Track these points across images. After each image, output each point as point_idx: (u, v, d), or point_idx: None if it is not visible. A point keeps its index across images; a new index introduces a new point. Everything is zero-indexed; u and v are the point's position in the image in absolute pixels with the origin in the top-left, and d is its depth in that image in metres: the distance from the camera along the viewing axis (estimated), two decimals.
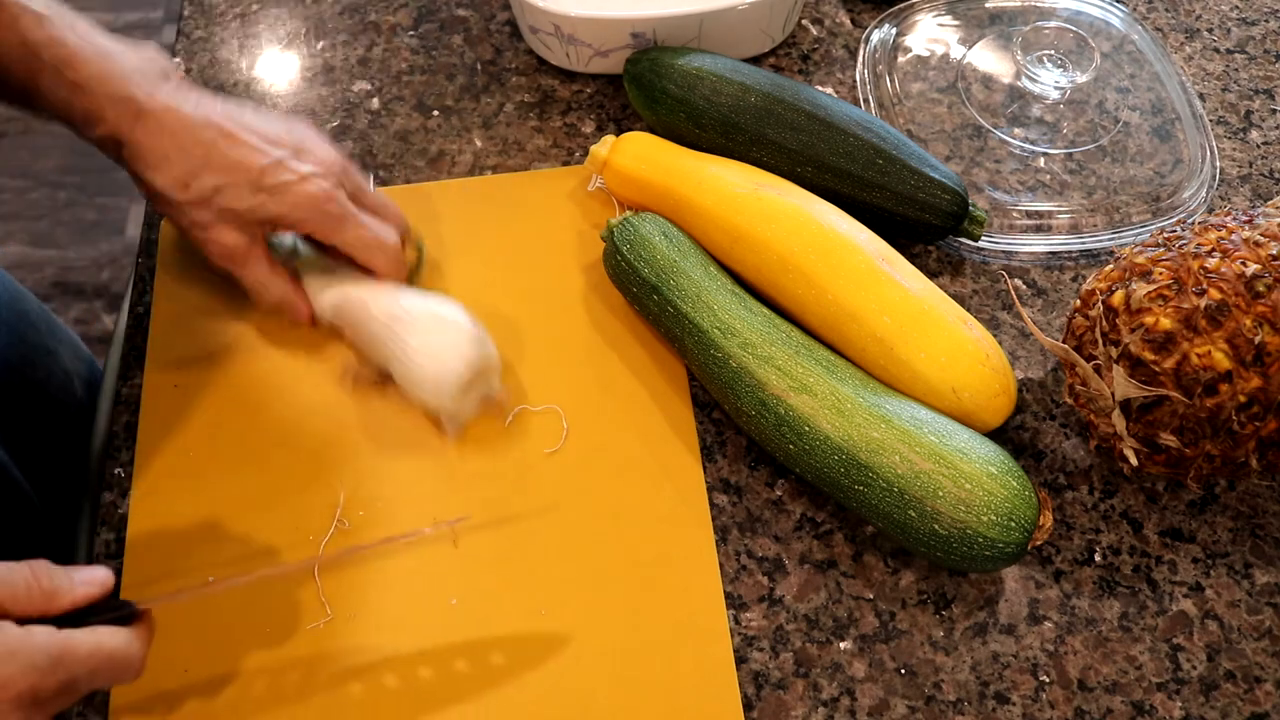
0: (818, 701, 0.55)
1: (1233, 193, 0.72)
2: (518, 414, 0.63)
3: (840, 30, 0.80)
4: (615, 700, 0.55)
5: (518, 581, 0.58)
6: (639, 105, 0.71)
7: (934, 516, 0.53)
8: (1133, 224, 0.69)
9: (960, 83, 0.76)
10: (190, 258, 0.67)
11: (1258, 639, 0.57)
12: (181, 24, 0.81)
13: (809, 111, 0.66)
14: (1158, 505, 0.61)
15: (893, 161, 0.65)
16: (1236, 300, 0.52)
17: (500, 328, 0.66)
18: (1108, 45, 0.77)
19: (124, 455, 0.62)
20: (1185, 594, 0.58)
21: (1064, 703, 0.55)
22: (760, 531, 0.60)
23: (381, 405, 0.63)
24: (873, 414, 0.55)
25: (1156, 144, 0.73)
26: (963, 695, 0.55)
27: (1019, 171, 0.72)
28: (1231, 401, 0.52)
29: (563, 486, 0.60)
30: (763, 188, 0.64)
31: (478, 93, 0.76)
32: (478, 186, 0.72)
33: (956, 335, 0.59)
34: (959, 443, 0.54)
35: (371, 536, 0.59)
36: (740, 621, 0.57)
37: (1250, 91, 0.77)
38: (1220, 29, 0.80)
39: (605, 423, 0.62)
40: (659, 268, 0.62)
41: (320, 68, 0.78)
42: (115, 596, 0.47)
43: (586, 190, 0.71)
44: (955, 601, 0.58)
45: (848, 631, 0.57)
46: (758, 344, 0.58)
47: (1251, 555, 0.59)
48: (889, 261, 0.61)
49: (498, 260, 0.68)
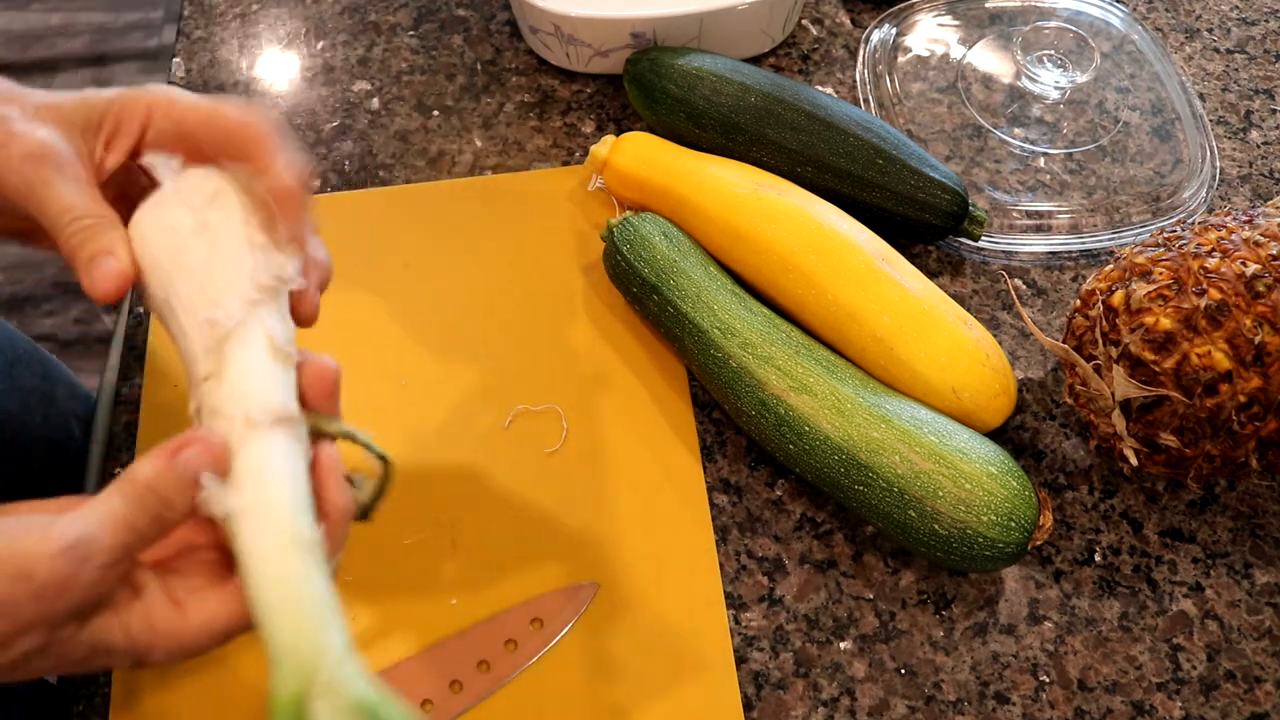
0: (818, 701, 0.55)
1: (1233, 193, 0.72)
2: (518, 414, 0.63)
3: (840, 30, 0.80)
4: (615, 700, 0.55)
5: (518, 581, 0.58)
6: (639, 105, 0.71)
7: (934, 516, 0.53)
8: (1133, 224, 0.69)
9: (960, 83, 0.76)
10: None
11: (1258, 639, 0.57)
12: (181, 24, 0.81)
13: (809, 111, 0.66)
14: (1158, 505, 0.61)
15: (893, 161, 0.65)
16: (1236, 300, 0.52)
17: (500, 328, 0.66)
18: (1108, 45, 0.77)
19: (124, 456, 0.62)
20: (1185, 594, 0.58)
21: (1064, 703, 0.55)
22: (760, 531, 0.60)
23: (380, 406, 0.63)
24: (873, 414, 0.55)
25: (1156, 144, 0.73)
26: (963, 695, 0.55)
27: (1019, 171, 0.72)
28: (1231, 401, 0.52)
29: (562, 486, 0.60)
30: (763, 188, 0.64)
31: (478, 93, 0.76)
32: (478, 186, 0.72)
33: (956, 335, 0.59)
34: (959, 443, 0.54)
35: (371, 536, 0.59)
36: (740, 621, 0.57)
37: (1250, 91, 0.77)
38: (1220, 29, 0.80)
39: (605, 423, 0.62)
40: (659, 268, 0.62)
41: (320, 68, 0.78)
42: None
43: (586, 190, 0.71)
44: (955, 601, 0.58)
45: (848, 631, 0.57)
46: (758, 344, 0.58)
47: (1251, 555, 0.59)
48: (889, 261, 0.61)
49: (498, 260, 0.68)
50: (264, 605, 0.37)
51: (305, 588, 0.37)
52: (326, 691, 0.35)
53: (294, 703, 0.35)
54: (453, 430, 0.62)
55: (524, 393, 0.63)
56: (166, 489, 0.37)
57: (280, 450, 0.39)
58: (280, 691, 0.35)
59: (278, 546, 0.38)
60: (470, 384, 0.64)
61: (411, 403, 0.63)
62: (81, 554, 0.36)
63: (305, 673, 0.36)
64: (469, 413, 0.63)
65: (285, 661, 0.36)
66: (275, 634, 0.36)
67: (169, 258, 0.42)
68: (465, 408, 0.63)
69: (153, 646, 0.39)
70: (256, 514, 0.38)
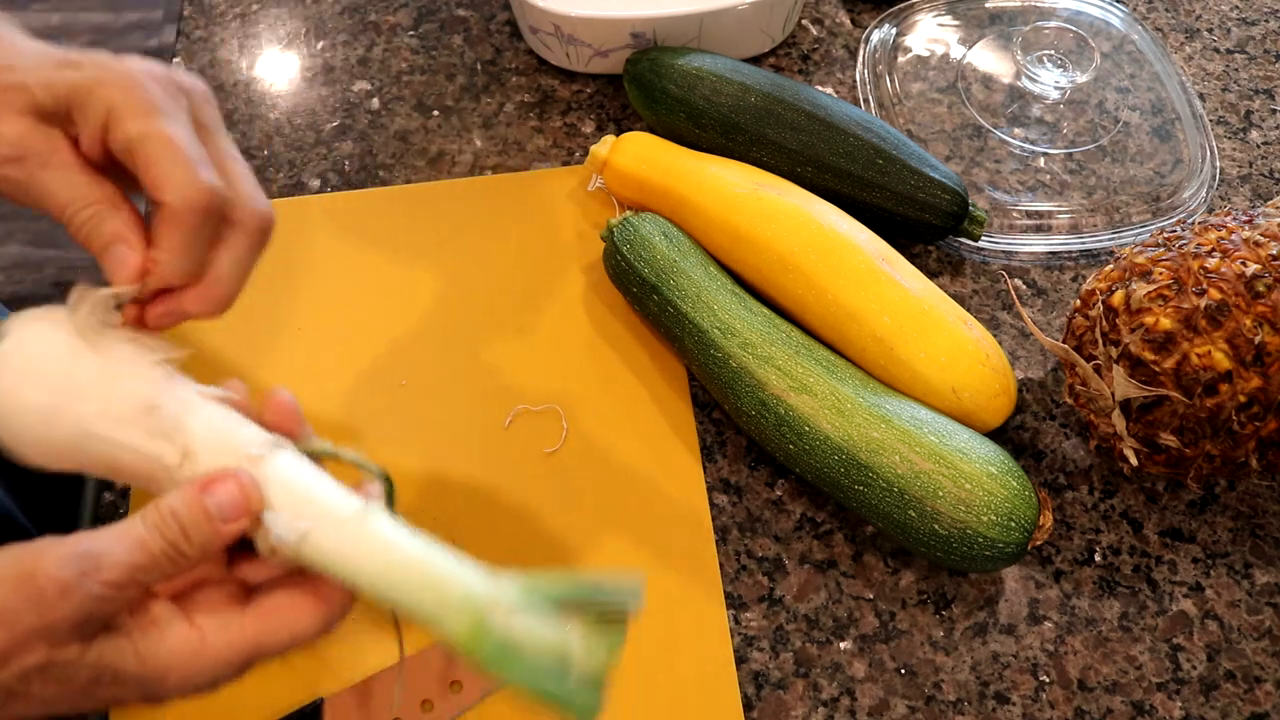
0: (818, 701, 0.55)
1: (1233, 193, 0.72)
2: (518, 414, 0.63)
3: (840, 30, 0.80)
4: (615, 700, 0.55)
5: None
6: (639, 105, 0.71)
7: (934, 516, 0.53)
8: (1133, 224, 0.69)
9: (960, 83, 0.76)
10: None
11: (1258, 639, 0.57)
12: (181, 24, 0.81)
13: (809, 111, 0.66)
14: (1158, 505, 0.61)
15: (893, 161, 0.65)
16: (1236, 300, 0.52)
17: (500, 328, 0.66)
18: (1108, 45, 0.77)
19: None
20: (1185, 594, 0.58)
21: (1064, 703, 0.55)
22: (760, 531, 0.60)
23: (380, 405, 0.63)
24: (873, 414, 0.55)
25: (1156, 144, 0.73)
26: (963, 695, 0.55)
27: (1019, 171, 0.72)
28: (1231, 401, 0.52)
29: (562, 486, 0.60)
30: (763, 188, 0.64)
31: (478, 93, 0.76)
32: (478, 186, 0.72)
33: (956, 335, 0.59)
34: (959, 443, 0.54)
35: None
36: (740, 621, 0.57)
37: (1250, 91, 0.77)
38: (1220, 29, 0.80)
39: (605, 423, 0.62)
40: (659, 268, 0.62)
41: (320, 68, 0.78)
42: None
43: (586, 190, 0.71)
44: (955, 601, 0.58)
45: (848, 631, 0.57)
46: (758, 344, 0.58)
47: (1251, 555, 0.59)
48: (889, 261, 0.61)
49: (498, 260, 0.68)
50: (392, 589, 0.38)
51: (411, 552, 0.38)
52: (493, 609, 0.38)
53: (476, 634, 0.37)
54: (453, 430, 0.62)
55: (524, 393, 0.63)
56: (189, 519, 0.37)
57: (296, 462, 0.40)
58: (459, 634, 0.37)
59: (361, 534, 0.38)
60: (470, 384, 0.64)
61: (411, 403, 0.63)
62: (89, 564, 0.35)
63: (466, 612, 0.38)
64: (469, 413, 0.63)
65: (446, 617, 0.38)
66: (420, 607, 0.38)
67: (65, 400, 0.39)
68: (465, 408, 0.63)
69: (168, 671, 0.37)
70: (322, 518, 0.38)
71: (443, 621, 0.38)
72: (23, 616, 0.35)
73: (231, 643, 0.38)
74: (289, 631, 0.39)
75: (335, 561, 0.38)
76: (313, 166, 0.73)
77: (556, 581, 0.39)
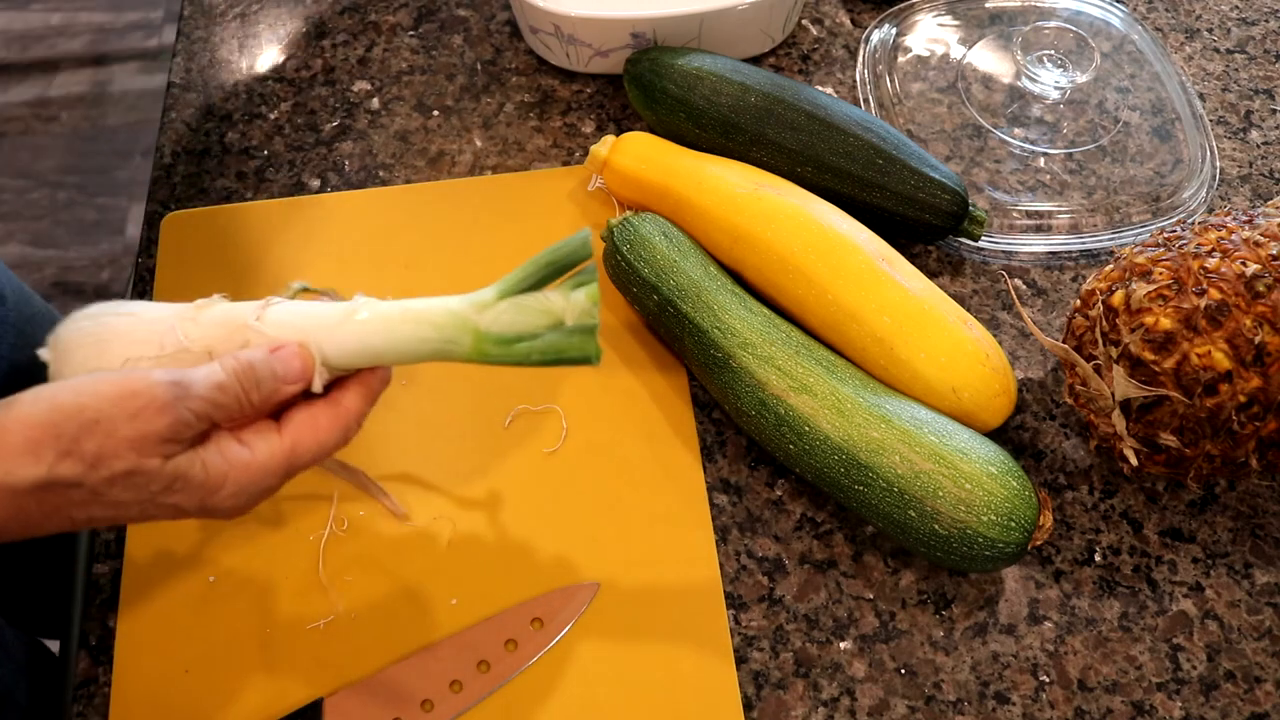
0: (818, 701, 0.55)
1: (1233, 193, 0.72)
2: (518, 414, 0.63)
3: (840, 30, 0.80)
4: (615, 700, 0.55)
5: (517, 581, 0.58)
6: (639, 105, 0.71)
7: (934, 516, 0.53)
8: (1133, 224, 0.69)
9: (960, 83, 0.76)
10: (190, 258, 0.67)
11: (1258, 639, 0.57)
12: (181, 24, 0.81)
13: (809, 111, 0.66)
14: (1158, 505, 0.61)
15: (893, 161, 0.65)
16: (1236, 300, 0.52)
17: None
18: (1108, 45, 0.77)
19: None
20: (1185, 594, 0.58)
21: (1064, 703, 0.55)
22: (760, 531, 0.60)
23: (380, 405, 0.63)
24: (873, 414, 0.55)
25: (1156, 144, 0.73)
26: (963, 695, 0.55)
27: (1019, 171, 0.72)
28: (1231, 401, 0.52)
29: (562, 486, 0.60)
30: (763, 188, 0.64)
31: (478, 93, 0.76)
32: (478, 186, 0.72)
33: (956, 335, 0.59)
34: (959, 443, 0.54)
35: (372, 533, 0.59)
36: (740, 621, 0.57)
37: (1250, 91, 0.77)
38: (1220, 29, 0.80)
39: (605, 423, 0.62)
40: (659, 268, 0.62)
41: (320, 68, 0.78)
42: None
43: (586, 190, 0.71)
44: (955, 601, 0.58)
45: (848, 631, 0.57)
46: (758, 344, 0.58)
47: (1251, 555, 0.59)
48: (889, 261, 0.61)
49: (498, 260, 0.68)
50: (399, 344, 0.46)
51: (394, 312, 0.47)
52: (479, 313, 0.46)
53: (477, 340, 0.46)
54: (453, 430, 0.62)
55: (524, 393, 0.63)
56: (260, 370, 0.44)
57: (287, 304, 0.48)
58: (466, 347, 0.46)
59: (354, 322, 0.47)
60: (470, 384, 0.64)
61: (412, 402, 0.63)
62: (183, 390, 0.42)
63: (459, 327, 0.46)
64: (469, 412, 0.63)
65: (448, 340, 0.46)
66: (426, 345, 0.46)
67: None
68: (465, 408, 0.63)
69: (224, 480, 0.43)
70: (323, 326, 0.47)
71: (448, 346, 0.46)
72: (120, 427, 0.40)
73: (273, 453, 0.45)
74: (316, 441, 0.46)
75: (351, 349, 0.46)
76: (313, 166, 0.73)
77: (518, 270, 0.47)
